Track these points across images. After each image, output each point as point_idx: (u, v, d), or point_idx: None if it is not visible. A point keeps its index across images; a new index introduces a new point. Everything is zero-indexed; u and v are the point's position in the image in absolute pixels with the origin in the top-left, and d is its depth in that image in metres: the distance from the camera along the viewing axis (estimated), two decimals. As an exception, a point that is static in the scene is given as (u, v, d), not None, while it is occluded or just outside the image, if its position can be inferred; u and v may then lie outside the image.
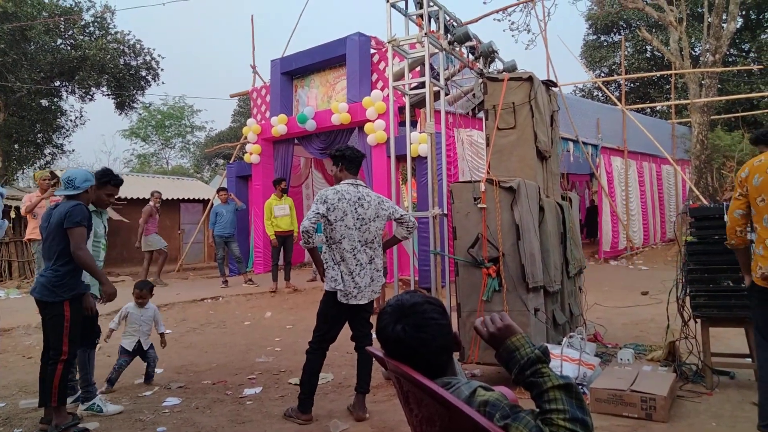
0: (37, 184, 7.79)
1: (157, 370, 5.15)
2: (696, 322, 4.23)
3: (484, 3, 21.11)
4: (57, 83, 18.55)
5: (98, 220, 4.16)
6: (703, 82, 13.95)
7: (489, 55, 5.78)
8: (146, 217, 10.06)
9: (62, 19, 17.01)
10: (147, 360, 4.88)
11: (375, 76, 9.87)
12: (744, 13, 20.00)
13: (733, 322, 4.17)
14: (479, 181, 4.34)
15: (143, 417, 3.94)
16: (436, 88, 5.26)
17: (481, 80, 5.43)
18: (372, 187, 9.28)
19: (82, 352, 4.00)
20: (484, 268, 4.22)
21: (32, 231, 7.42)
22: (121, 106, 20.11)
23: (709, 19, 13.75)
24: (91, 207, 4.05)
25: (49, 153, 20.97)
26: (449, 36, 5.32)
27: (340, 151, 3.91)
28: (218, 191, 10.42)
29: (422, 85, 5.13)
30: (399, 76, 5.79)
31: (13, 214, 11.00)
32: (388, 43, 5.03)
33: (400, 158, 7.30)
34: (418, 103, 5.77)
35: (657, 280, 8.80)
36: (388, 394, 4.28)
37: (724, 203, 4.06)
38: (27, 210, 7.42)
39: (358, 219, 3.76)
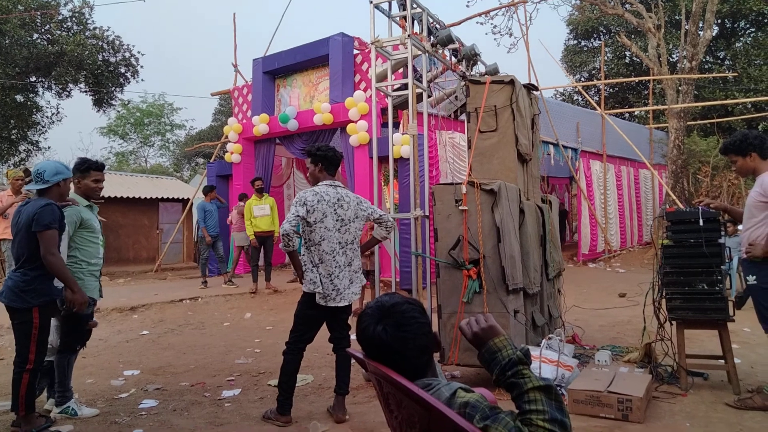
0: (9, 183, 7.55)
1: (134, 372, 5.08)
2: (671, 324, 4.31)
3: (467, 6, 21.24)
4: (33, 79, 18.16)
5: (92, 214, 3.95)
6: (680, 88, 14.22)
7: (471, 57, 5.81)
8: (239, 216, 9.72)
9: (39, 13, 16.67)
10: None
11: (358, 77, 9.86)
12: (719, 21, 20.44)
13: (707, 324, 4.26)
14: (461, 184, 4.35)
15: (119, 419, 3.88)
16: (418, 90, 5.28)
17: (463, 83, 5.46)
18: (354, 188, 9.27)
19: (62, 357, 3.87)
20: (465, 269, 4.24)
21: (4, 231, 7.24)
22: (99, 103, 19.77)
23: (686, 27, 14.02)
24: (84, 202, 3.89)
25: (24, 150, 20.51)
26: (432, 38, 5.34)
27: (322, 150, 3.86)
28: (210, 189, 10.10)
29: (405, 86, 5.14)
30: (382, 78, 5.80)
31: None
32: (372, 44, 5.03)
33: (383, 159, 7.30)
34: (401, 105, 5.79)
35: (634, 283, 8.94)
36: (368, 396, 4.27)
37: (700, 207, 4.14)
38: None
39: (338, 220, 3.74)
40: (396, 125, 8.65)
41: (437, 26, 5.55)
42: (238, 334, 6.74)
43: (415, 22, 5.20)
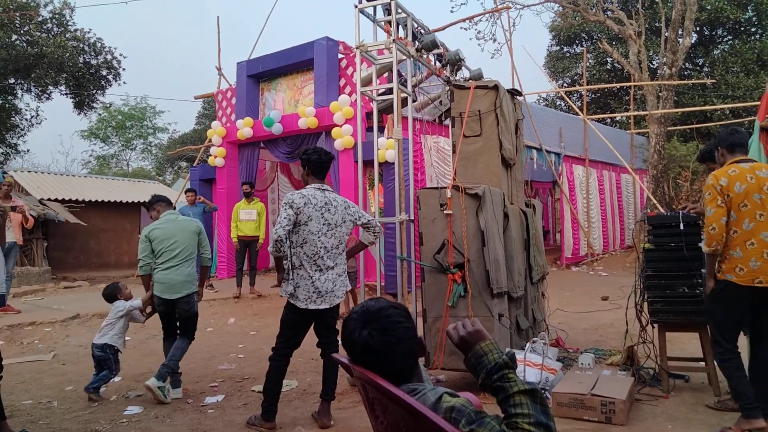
0: None
1: (116, 379, 5.00)
2: (653, 327, 4.36)
3: (452, 11, 21.37)
4: (11, 81, 17.86)
5: None
6: (660, 94, 14.45)
7: (456, 63, 5.85)
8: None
9: (17, 14, 16.41)
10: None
11: (343, 81, 9.86)
12: (698, 29, 20.83)
13: (688, 327, 4.32)
14: (445, 188, 4.37)
15: (100, 427, 3.81)
16: (403, 95, 5.29)
17: (448, 88, 5.49)
18: (339, 192, 9.25)
19: None
20: (450, 273, 4.26)
21: None
22: (80, 105, 19.51)
23: (666, 34, 14.27)
24: None
25: (2, 153, 20.15)
26: (417, 43, 5.37)
27: (307, 154, 3.85)
28: (186, 192, 10.12)
29: (390, 91, 5.16)
30: (367, 82, 5.81)
31: None
32: (357, 48, 5.04)
33: (368, 163, 7.30)
34: (386, 109, 5.80)
35: (616, 286, 9.04)
36: (353, 401, 4.25)
37: (680, 212, 4.20)
38: None
39: (324, 224, 3.72)
40: (381, 129, 8.67)
41: (422, 31, 5.58)
42: (221, 340, 6.68)
43: (400, 26, 5.22)
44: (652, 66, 19.15)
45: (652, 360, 4.40)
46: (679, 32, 13.85)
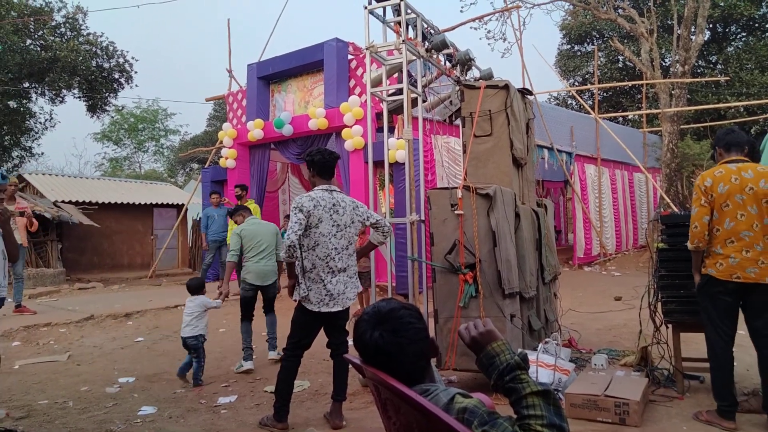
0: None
1: (129, 379, 5.05)
2: (667, 327, 4.31)
3: (461, 11, 21.34)
4: (26, 85, 18.10)
5: None
6: (673, 92, 14.31)
7: (466, 62, 5.83)
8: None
9: (32, 19, 16.63)
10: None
11: (352, 82, 9.87)
12: (711, 26, 20.61)
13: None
14: (456, 188, 4.36)
15: (114, 427, 3.85)
16: (413, 95, 5.29)
17: (458, 88, 5.47)
18: (349, 192, 9.26)
19: None
20: (461, 274, 4.24)
21: None
22: (93, 108, 19.71)
23: (679, 31, 14.12)
24: None
25: (17, 156, 20.41)
26: (427, 43, 5.36)
27: (310, 155, 3.84)
28: (211, 194, 10.13)
29: (400, 91, 5.15)
30: (377, 83, 5.81)
31: None
32: (366, 49, 5.04)
33: (378, 164, 7.30)
34: (396, 110, 5.80)
35: (629, 286, 8.97)
36: (365, 402, 4.26)
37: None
38: None
39: (334, 225, 3.72)
40: (391, 130, 8.66)
41: (431, 31, 5.57)
42: (234, 340, 6.71)
43: (410, 27, 5.21)
44: (664, 64, 18.99)
45: (667, 361, 4.36)
46: (692, 29, 13.72)
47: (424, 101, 5.75)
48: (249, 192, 10.07)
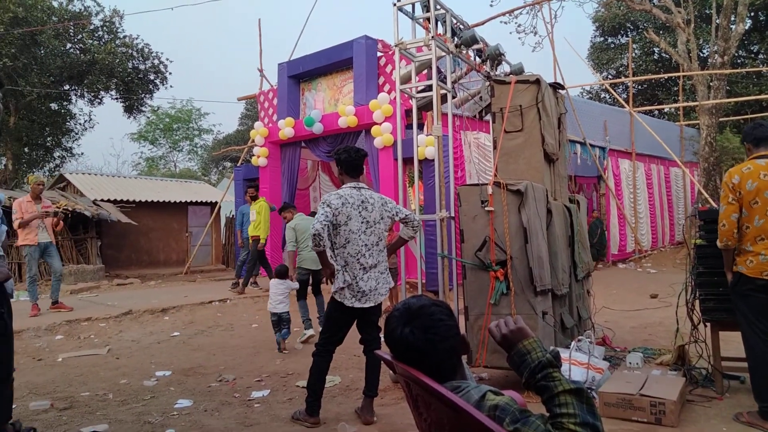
0: (30, 187, 7.82)
1: (166, 373, 5.18)
2: (705, 325, 4.20)
3: (491, 5, 21.11)
4: (66, 87, 18.72)
5: None
6: (711, 83, 13.87)
7: (496, 57, 5.77)
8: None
9: (72, 23, 17.17)
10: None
11: (382, 79, 9.89)
12: (753, 14, 19.87)
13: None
14: (486, 184, 4.33)
15: (152, 419, 3.96)
16: (443, 91, 5.27)
17: (488, 83, 5.43)
18: (379, 189, 9.29)
19: None
20: (492, 271, 4.21)
21: (25, 237, 7.48)
22: (130, 109, 20.27)
23: (718, 21, 13.68)
24: None
25: (59, 156, 21.14)
26: (456, 39, 5.32)
27: (338, 154, 3.87)
28: (247, 189, 10.15)
29: (429, 88, 5.14)
30: (406, 79, 5.81)
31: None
32: (395, 46, 5.04)
33: (407, 161, 7.30)
34: (425, 106, 5.79)
35: (666, 284, 8.75)
36: (395, 398, 4.28)
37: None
38: (20, 226, 7.45)
39: (363, 222, 3.75)
40: (420, 127, 8.65)
41: (461, 27, 5.53)
42: (266, 336, 6.81)
43: (439, 23, 5.19)
44: (702, 55, 18.42)
45: (705, 360, 4.24)
46: (732, 18, 13.26)
47: (453, 97, 5.72)
48: (280, 189, 10.20)
